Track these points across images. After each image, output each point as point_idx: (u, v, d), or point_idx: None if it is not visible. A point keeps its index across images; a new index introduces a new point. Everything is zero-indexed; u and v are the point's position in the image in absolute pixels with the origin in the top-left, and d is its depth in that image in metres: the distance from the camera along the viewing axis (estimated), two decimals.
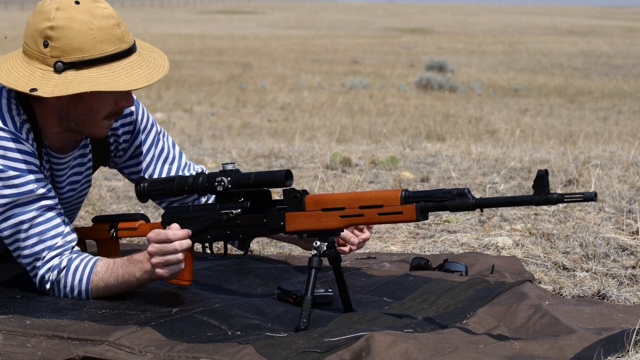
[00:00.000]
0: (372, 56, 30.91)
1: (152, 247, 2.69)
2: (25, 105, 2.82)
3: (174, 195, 2.86)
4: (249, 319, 2.61)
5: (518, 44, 38.00)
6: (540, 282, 3.29)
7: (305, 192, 2.71)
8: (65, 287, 2.81)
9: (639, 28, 54.65)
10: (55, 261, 2.80)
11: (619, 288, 3.22)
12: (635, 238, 3.86)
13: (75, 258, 2.81)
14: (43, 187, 2.79)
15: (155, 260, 2.69)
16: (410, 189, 4.84)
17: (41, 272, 2.81)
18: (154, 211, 4.51)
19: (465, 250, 3.76)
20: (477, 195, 4.73)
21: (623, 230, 3.99)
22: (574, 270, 3.45)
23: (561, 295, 3.18)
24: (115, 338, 2.41)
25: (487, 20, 67.99)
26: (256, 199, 2.78)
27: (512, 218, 4.26)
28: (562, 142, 8.53)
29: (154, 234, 2.70)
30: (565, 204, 3.81)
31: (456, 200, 2.52)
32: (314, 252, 2.64)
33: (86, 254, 2.85)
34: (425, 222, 4.20)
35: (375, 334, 2.37)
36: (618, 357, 2.44)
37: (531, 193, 2.50)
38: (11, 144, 2.74)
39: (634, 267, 3.49)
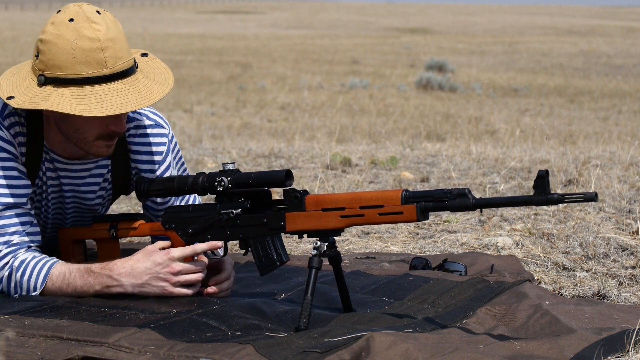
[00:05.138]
0: (372, 56, 30.91)
1: (178, 266, 2.76)
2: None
3: (174, 195, 2.87)
4: (249, 319, 2.60)
5: (518, 44, 38.00)
6: (540, 282, 3.29)
7: (305, 192, 2.71)
8: (17, 287, 2.82)
9: (639, 28, 54.65)
10: (9, 258, 2.81)
11: (619, 288, 3.22)
12: (635, 238, 3.86)
13: (30, 260, 2.82)
14: (15, 178, 2.82)
15: (175, 279, 2.76)
16: (410, 189, 4.84)
17: None
18: None
19: (465, 250, 3.75)
20: (477, 196, 4.73)
21: (623, 230, 3.99)
22: (574, 270, 3.45)
23: (561, 295, 3.18)
24: (115, 340, 2.41)
25: (487, 20, 67.99)
26: (256, 199, 2.78)
27: (512, 218, 4.26)
28: (562, 142, 8.53)
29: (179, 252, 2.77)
30: (565, 204, 3.80)
31: (456, 200, 2.52)
32: (314, 252, 2.64)
33: (42, 256, 2.85)
34: (425, 222, 4.20)
35: (375, 334, 2.36)
36: (618, 357, 2.44)
37: (531, 193, 2.50)
38: None
39: (634, 267, 3.48)
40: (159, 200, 3.07)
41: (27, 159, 2.89)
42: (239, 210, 2.76)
